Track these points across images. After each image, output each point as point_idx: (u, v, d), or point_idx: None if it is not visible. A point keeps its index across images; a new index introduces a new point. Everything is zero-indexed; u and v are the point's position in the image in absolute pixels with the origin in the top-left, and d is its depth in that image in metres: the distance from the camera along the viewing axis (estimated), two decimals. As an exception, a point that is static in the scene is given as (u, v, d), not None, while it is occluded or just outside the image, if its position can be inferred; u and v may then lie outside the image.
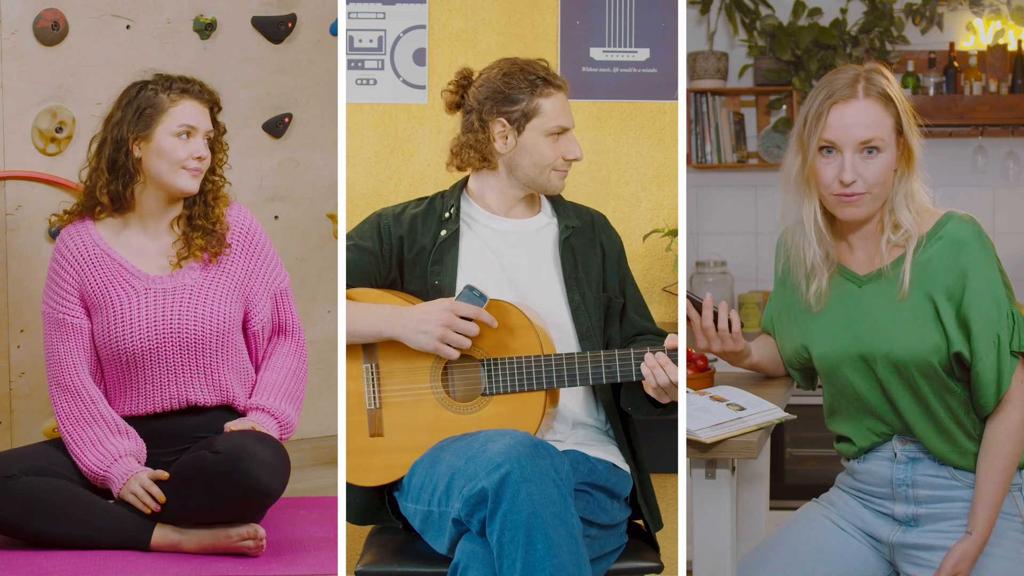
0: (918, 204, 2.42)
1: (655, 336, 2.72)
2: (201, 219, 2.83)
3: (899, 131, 2.40)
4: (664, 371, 2.45)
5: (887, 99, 2.38)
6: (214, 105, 2.86)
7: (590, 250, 2.73)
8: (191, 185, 2.79)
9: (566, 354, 2.50)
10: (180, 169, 2.78)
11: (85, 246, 2.81)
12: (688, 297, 2.57)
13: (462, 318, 2.49)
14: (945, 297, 2.36)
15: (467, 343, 2.50)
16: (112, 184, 2.79)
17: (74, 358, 2.79)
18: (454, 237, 2.66)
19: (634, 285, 2.81)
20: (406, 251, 2.67)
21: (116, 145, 2.78)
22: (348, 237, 2.73)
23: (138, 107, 2.78)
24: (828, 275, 2.47)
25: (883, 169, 2.38)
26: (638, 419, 2.67)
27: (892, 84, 2.40)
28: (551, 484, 2.24)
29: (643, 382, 2.50)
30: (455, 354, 2.50)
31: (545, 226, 2.73)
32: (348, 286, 2.66)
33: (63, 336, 2.80)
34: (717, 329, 2.56)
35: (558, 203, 2.77)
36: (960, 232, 2.38)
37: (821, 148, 2.39)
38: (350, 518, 2.69)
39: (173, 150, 2.77)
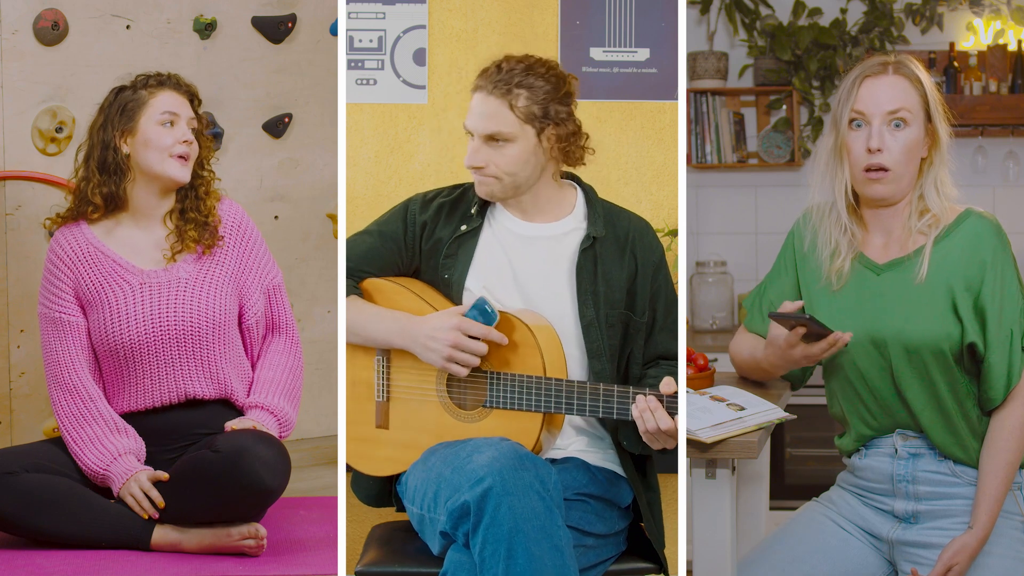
0: (946, 194, 2.48)
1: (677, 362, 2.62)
2: (193, 212, 2.85)
3: (927, 115, 2.46)
4: (653, 416, 2.33)
5: (916, 80, 2.46)
6: (193, 97, 2.89)
7: (616, 262, 2.58)
8: (182, 174, 2.81)
9: (566, 381, 2.43)
10: (168, 157, 2.80)
11: (79, 245, 2.82)
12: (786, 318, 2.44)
13: (472, 336, 2.45)
14: (964, 287, 2.40)
15: (475, 361, 2.45)
16: (104, 185, 2.81)
17: (72, 357, 2.80)
18: (473, 233, 2.60)
19: (669, 302, 2.63)
20: (425, 239, 2.63)
21: (103, 146, 2.82)
22: (374, 222, 2.70)
23: (119, 106, 2.83)
24: (851, 257, 2.50)
25: (908, 145, 2.43)
26: None
27: (922, 71, 2.49)
28: (535, 496, 2.22)
29: None
30: (464, 372, 2.46)
31: (571, 231, 2.61)
32: (368, 274, 2.63)
33: (60, 335, 2.80)
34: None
35: (593, 206, 2.63)
36: (980, 226, 2.44)
37: (851, 121, 2.46)
38: (363, 499, 2.68)
39: (159, 138, 2.80)
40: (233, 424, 2.78)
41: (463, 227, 2.61)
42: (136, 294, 2.80)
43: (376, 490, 2.67)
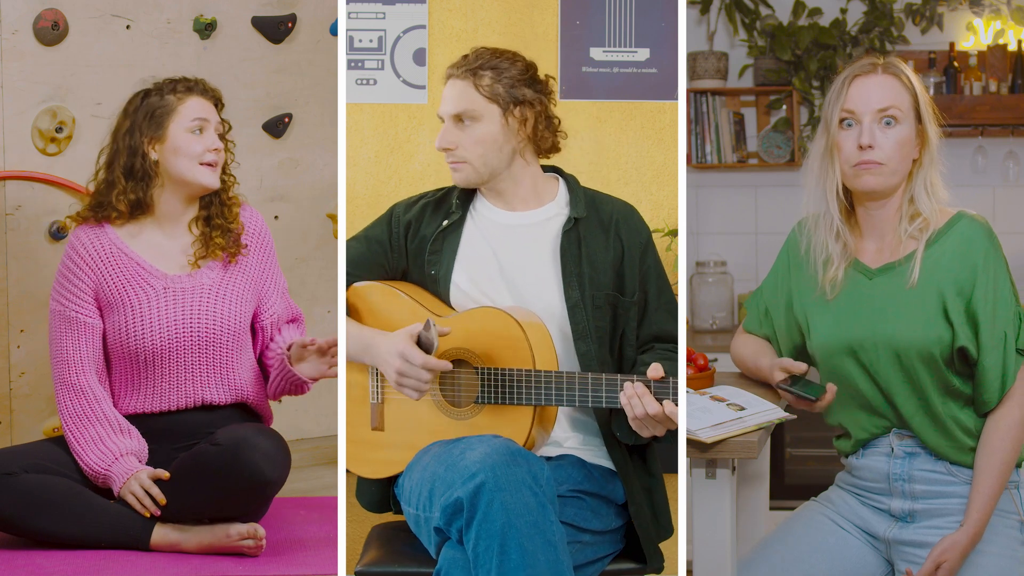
0: (938, 195, 2.48)
1: (674, 345, 2.62)
2: (219, 218, 2.85)
3: (917, 115, 2.47)
4: (641, 402, 2.34)
5: (906, 80, 2.47)
6: (217, 102, 2.88)
7: (601, 244, 2.60)
8: (211, 180, 2.81)
9: (555, 373, 2.44)
10: (198, 165, 2.79)
11: (102, 245, 2.81)
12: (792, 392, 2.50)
13: (413, 363, 2.44)
14: (955, 292, 2.40)
15: (423, 387, 2.45)
16: (132, 192, 2.79)
17: (82, 357, 2.79)
18: (456, 227, 2.62)
19: (659, 283, 2.64)
20: (409, 239, 2.65)
21: (131, 151, 2.79)
22: (363, 229, 2.72)
23: (147, 111, 2.80)
24: (845, 265, 2.50)
25: (899, 142, 2.44)
26: None
27: (911, 72, 2.50)
28: (528, 492, 2.22)
29: None
30: (415, 396, 2.47)
31: (552, 217, 2.63)
32: (356, 278, 2.64)
33: (73, 334, 2.80)
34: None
35: (574, 191, 2.65)
36: (971, 230, 2.43)
37: (842, 121, 2.46)
38: (366, 506, 2.69)
39: (189, 145, 2.78)
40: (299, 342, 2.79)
41: (445, 222, 2.63)
42: (160, 299, 2.80)
43: (379, 496, 2.67)
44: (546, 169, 2.70)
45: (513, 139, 2.58)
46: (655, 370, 2.35)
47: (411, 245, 2.65)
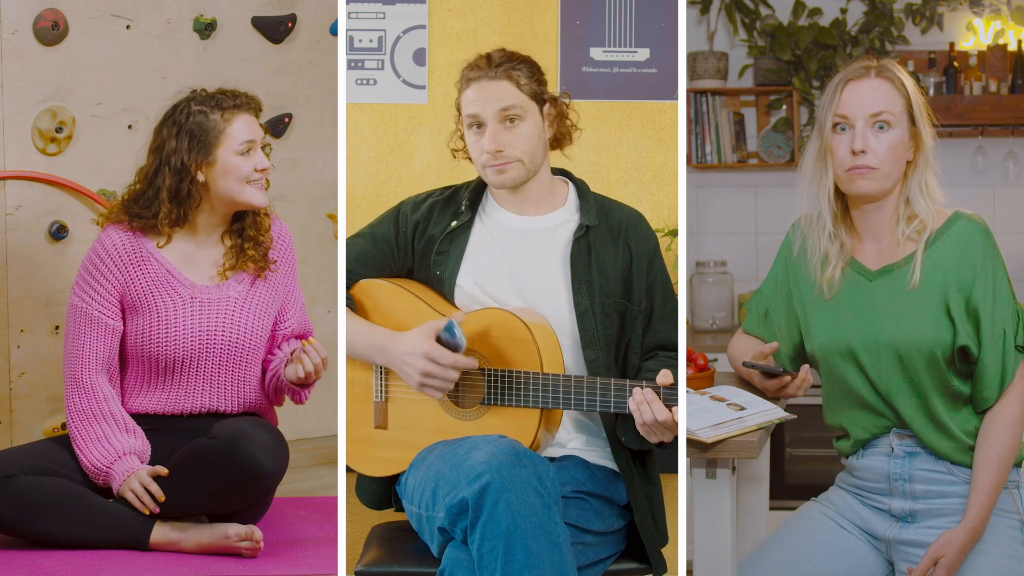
0: (933, 196, 2.48)
1: (677, 354, 2.63)
2: (252, 229, 2.84)
3: (911, 118, 2.46)
4: (650, 408, 2.35)
5: (899, 83, 2.47)
6: (259, 110, 2.86)
7: (611, 251, 2.61)
8: (261, 199, 2.80)
9: (563, 376, 2.44)
10: (246, 185, 2.77)
11: (133, 248, 2.80)
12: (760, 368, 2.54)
13: (441, 363, 2.44)
14: (956, 290, 2.41)
15: (448, 387, 2.46)
16: (174, 213, 2.78)
17: (96, 355, 2.79)
18: (464, 228, 2.63)
19: (665, 292, 2.65)
20: (417, 238, 2.66)
21: (178, 175, 2.75)
22: (367, 225, 2.72)
23: (191, 133, 2.75)
24: (842, 265, 2.50)
25: (893, 146, 2.44)
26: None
27: (904, 74, 2.49)
28: (533, 493, 2.22)
29: None
30: (438, 395, 2.48)
31: (563, 223, 2.64)
32: (361, 276, 2.64)
33: (90, 333, 2.79)
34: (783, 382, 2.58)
35: (585, 198, 2.66)
36: (969, 230, 2.44)
37: (835, 125, 2.47)
38: (366, 503, 2.69)
39: (238, 168, 2.76)
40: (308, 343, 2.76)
41: (453, 223, 2.63)
42: (186, 307, 2.80)
43: (379, 493, 2.67)
44: (554, 171, 2.70)
45: (545, 137, 2.62)
46: (665, 376, 2.35)
47: (418, 245, 2.65)
